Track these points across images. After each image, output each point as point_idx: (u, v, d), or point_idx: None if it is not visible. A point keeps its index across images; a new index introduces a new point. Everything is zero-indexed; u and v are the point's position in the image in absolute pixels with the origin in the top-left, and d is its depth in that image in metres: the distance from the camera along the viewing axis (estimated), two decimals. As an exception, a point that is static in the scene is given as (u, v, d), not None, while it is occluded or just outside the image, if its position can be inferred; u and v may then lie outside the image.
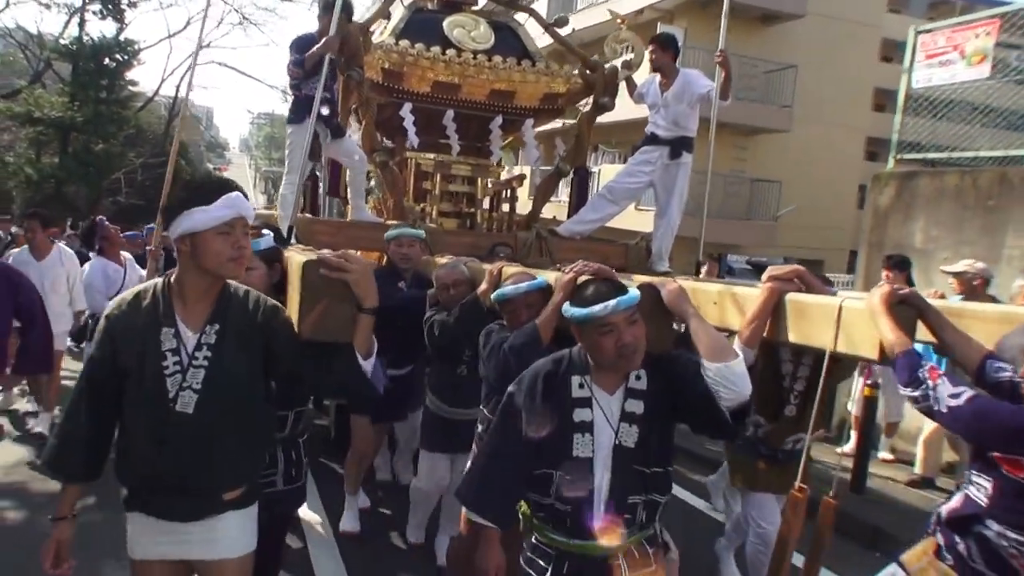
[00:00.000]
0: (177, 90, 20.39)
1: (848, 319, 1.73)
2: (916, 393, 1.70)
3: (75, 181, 17.00)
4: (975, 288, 4.39)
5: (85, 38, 16.18)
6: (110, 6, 16.29)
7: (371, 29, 4.72)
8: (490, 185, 5.72)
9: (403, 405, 3.80)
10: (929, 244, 5.61)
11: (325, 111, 4.19)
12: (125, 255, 5.57)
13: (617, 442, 1.78)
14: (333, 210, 5.75)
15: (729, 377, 1.70)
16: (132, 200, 17.56)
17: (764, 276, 2.03)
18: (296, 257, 1.99)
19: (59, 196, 16.60)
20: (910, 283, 5.43)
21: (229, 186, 1.71)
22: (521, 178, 6.24)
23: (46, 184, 15.92)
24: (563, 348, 1.94)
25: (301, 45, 4.15)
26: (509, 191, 6.03)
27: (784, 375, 3.00)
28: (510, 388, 1.91)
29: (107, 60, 16.49)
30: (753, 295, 2.02)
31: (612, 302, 1.68)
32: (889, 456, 5.63)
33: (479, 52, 5.15)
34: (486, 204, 5.83)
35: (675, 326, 2.02)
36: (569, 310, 1.80)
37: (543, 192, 5.67)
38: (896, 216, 5.89)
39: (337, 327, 1.74)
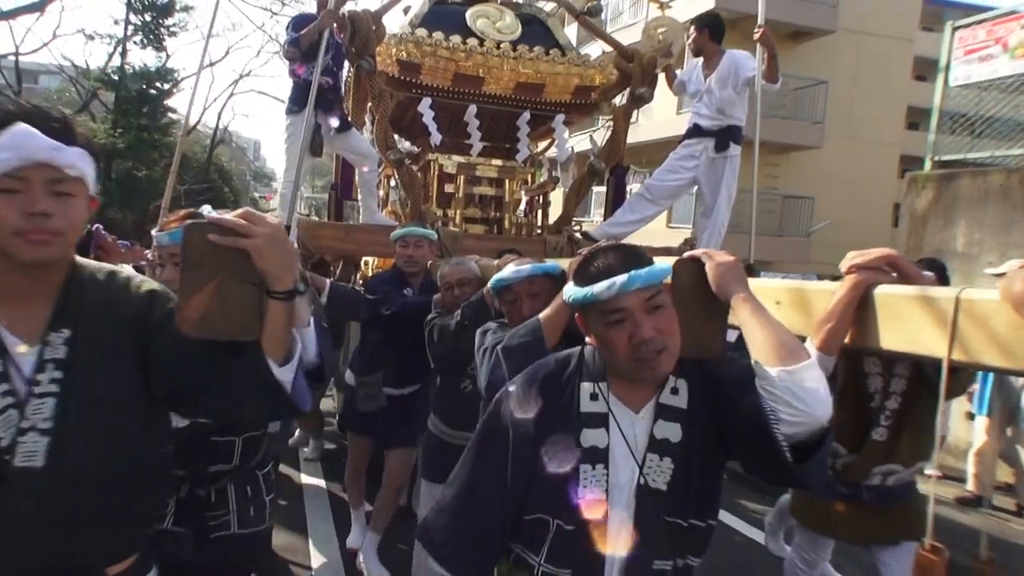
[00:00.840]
0: (208, 119, 20.62)
1: (969, 317, 1.14)
2: None
3: (120, 206, 17.17)
4: None
5: (127, 67, 16.41)
6: (151, 35, 16.57)
7: (383, 18, 4.20)
8: (521, 191, 5.18)
9: (406, 431, 3.24)
10: (972, 248, 5.17)
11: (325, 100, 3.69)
12: (123, 265, 5.17)
13: (642, 481, 1.24)
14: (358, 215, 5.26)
15: (794, 390, 1.11)
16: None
17: (844, 264, 1.42)
18: None
19: (104, 221, 16.76)
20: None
21: (12, 116, 1.06)
22: (554, 182, 5.69)
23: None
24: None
25: (299, 23, 3.68)
26: (542, 197, 5.50)
27: (872, 393, 2.33)
28: (496, 396, 1.39)
29: (148, 88, 16.66)
30: (828, 293, 1.43)
31: (622, 278, 1.17)
32: (936, 472, 4.83)
33: (504, 42, 4.63)
34: (516, 208, 5.31)
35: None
36: (568, 291, 1.30)
37: (575, 193, 5.10)
38: (935, 220, 5.48)
39: (233, 319, 1.11)
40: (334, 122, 3.86)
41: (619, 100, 5.11)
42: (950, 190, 5.36)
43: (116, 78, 16.15)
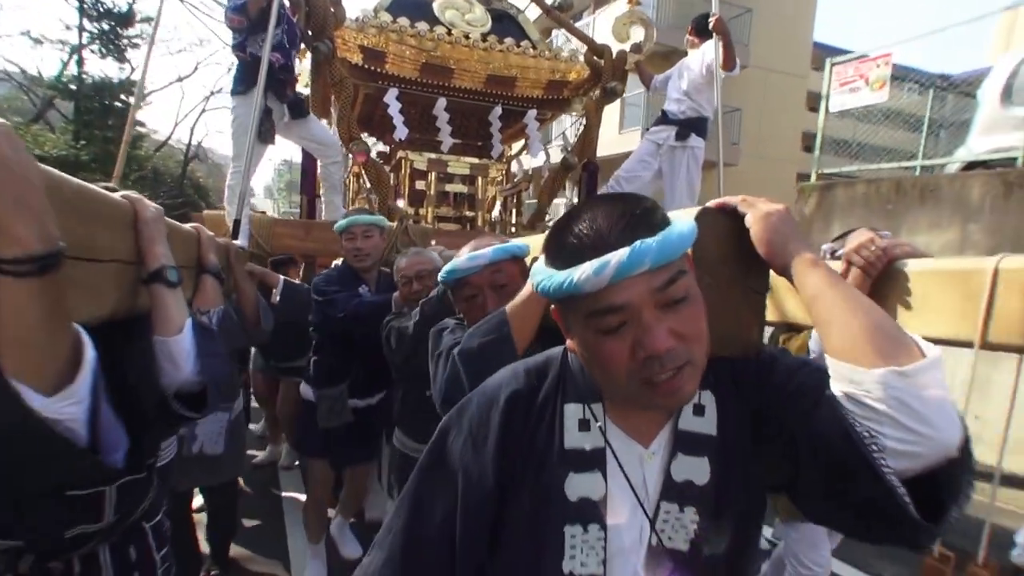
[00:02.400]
0: (183, 130, 19.82)
1: (1008, 290, 0.85)
2: None
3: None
4: None
5: (85, 77, 15.54)
6: (111, 45, 15.74)
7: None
8: (492, 188, 4.84)
9: (369, 444, 2.86)
10: None
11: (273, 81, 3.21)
12: None
13: (654, 541, 0.82)
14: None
15: (908, 401, 0.68)
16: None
17: (847, 250, 1.10)
18: None
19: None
20: None
21: None
22: (528, 180, 5.37)
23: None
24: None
25: None
26: (515, 196, 5.18)
27: None
28: (442, 423, 0.92)
29: (114, 101, 15.80)
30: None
31: (617, 255, 0.71)
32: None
33: (473, 34, 4.31)
34: (491, 208, 4.97)
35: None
36: (537, 273, 0.81)
37: (549, 189, 4.81)
38: (818, 222, 6.44)
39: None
40: (289, 108, 3.41)
41: (591, 96, 4.84)
42: (828, 198, 6.35)
43: (74, 87, 15.27)
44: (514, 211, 5.21)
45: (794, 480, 0.80)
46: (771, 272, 0.89)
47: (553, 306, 0.84)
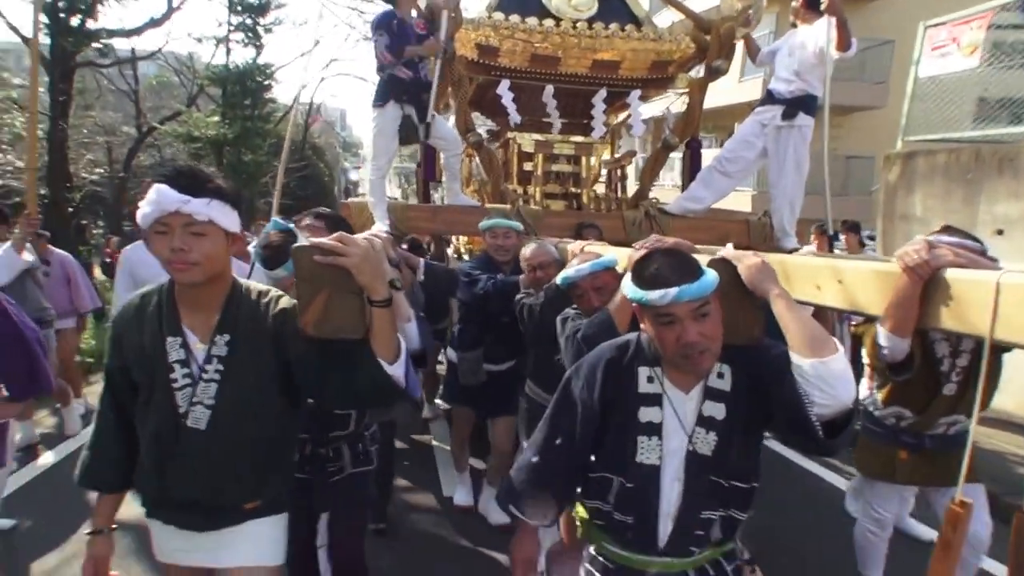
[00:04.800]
0: (301, 100, 20.95)
1: (1009, 299, 1.15)
2: None
3: (231, 188, 17.77)
4: None
5: (231, 65, 16.77)
6: (251, 34, 16.81)
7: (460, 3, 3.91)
8: (596, 164, 4.86)
9: (507, 402, 3.18)
10: (927, 213, 5.87)
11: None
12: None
13: (691, 448, 1.37)
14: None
15: (825, 377, 1.22)
16: (284, 200, 18.13)
17: (911, 257, 1.34)
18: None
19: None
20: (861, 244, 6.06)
21: (162, 176, 1.35)
22: (631, 155, 5.33)
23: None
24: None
25: (385, 24, 3.47)
26: (619, 170, 5.16)
27: (940, 357, 2.31)
28: (567, 374, 1.52)
29: (250, 83, 16.97)
30: (875, 275, 1.47)
31: (673, 290, 1.25)
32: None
33: (580, 21, 4.27)
34: (598, 185, 5.01)
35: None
36: (627, 287, 1.37)
37: (651, 168, 4.76)
38: (902, 190, 6.20)
39: (343, 322, 1.31)
40: (419, 112, 3.69)
41: (695, 72, 4.67)
42: (911, 167, 6.07)
43: (222, 75, 16.52)
44: (618, 186, 5.21)
45: (769, 417, 1.35)
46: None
47: (635, 306, 1.36)
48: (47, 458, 4.10)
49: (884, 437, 2.44)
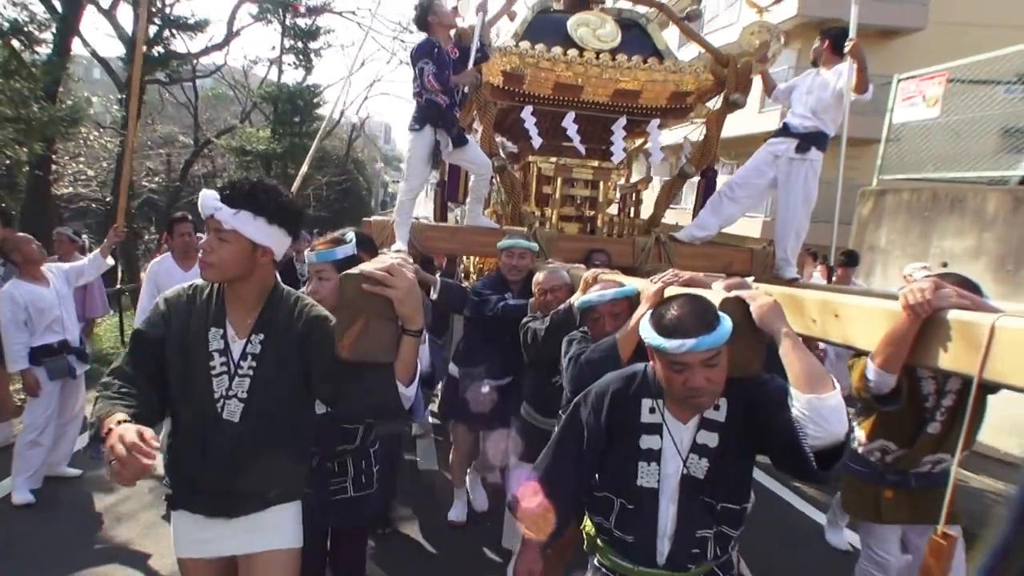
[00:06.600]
0: (346, 116, 21.35)
1: (1001, 342, 1.11)
2: None
3: (275, 199, 18.25)
4: None
5: (283, 84, 17.36)
6: (301, 56, 17.37)
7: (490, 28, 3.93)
8: (614, 189, 4.81)
9: (497, 417, 3.14)
10: (889, 246, 6.51)
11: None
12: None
13: (685, 472, 1.43)
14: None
15: (821, 411, 1.24)
16: (320, 212, 18.57)
17: (915, 295, 1.32)
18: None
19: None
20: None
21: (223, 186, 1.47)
22: (647, 181, 5.26)
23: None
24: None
25: (428, 52, 3.49)
26: (634, 195, 5.10)
27: (926, 395, 2.25)
28: (575, 400, 1.57)
29: (299, 101, 17.48)
30: (872, 312, 1.45)
31: (691, 342, 1.28)
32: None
33: (603, 51, 4.26)
34: (612, 208, 4.96)
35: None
36: (645, 329, 1.39)
37: (665, 195, 4.70)
38: (872, 224, 6.78)
39: (377, 347, 1.34)
40: (452, 140, 3.70)
41: (713, 104, 4.60)
42: (881, 203, 6.69)
43: (274, 93, 17.07)
44: (632, 211, 5.14)
45: (762, 444, 1.40)
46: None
47: (649, 347, 1.39)
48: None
49: (870, 477, 2.36)
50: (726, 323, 1.31)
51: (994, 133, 6.14)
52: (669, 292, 1.73)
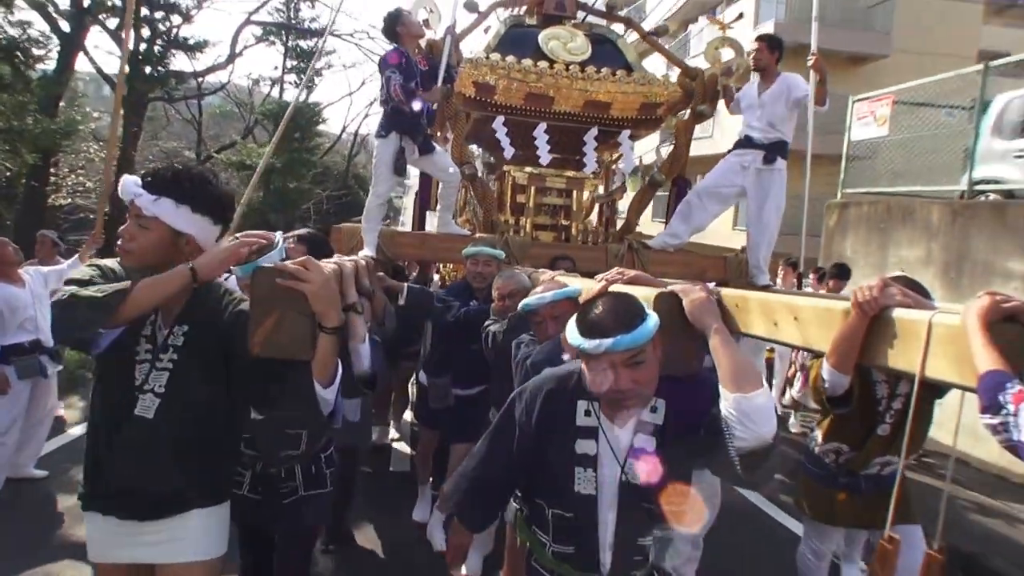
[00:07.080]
0: (354, 135, 21.61)
1: (939, 339, 1.08)
2: (995, 421, 0.95)
3: (275, 211, 18.48)
4: None
5: (283, 101, 17.62)
6: (301, 76, 17.68)
7: (459, 44, 4.00)
8: (588, 197, 4.85)
9: (470, 427, 3.08)
10: (854, 255, 6.79)
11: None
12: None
13: (623, 478, 1.35)
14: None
15: (747, 411, 1.17)
16: (319, 225, 18.74)
17: (863, 293, 1.23)
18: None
19: (264, 223, 18.02)
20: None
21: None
22: (622, 190, 5.31)
23: (253, 214, 17.34)
24: None
25: (396, 62, 3.55)
26: (611, 204, 5.14)
27: (879, 398, 2.26)
28: (511, 396, 1.50)
29: (300, 120, 17.74)
30: (828, 312, 1.32)
31: (608, 341, 1.22)
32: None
33: (573, 63, 4.32)
34: (592, 217, 4.99)
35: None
36: (569, 329, 1.32)
37: (637, 204, 4.73)
38: (836, 235, 7.14)
39: (291, 343, 1.27)
40: (419, 147, 3.74)
41: (682, 115, 4.67)
42: (845, 215, 7.07)
43: (275, 111, 17.33)
44: (607, 220, 5.18)
45: (700, 447, 1.30)
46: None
47: (573, 348, 1.34)
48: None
49: (824, 480, 2.41)
50: (650, 322, 1.24)
51: (939, 150, 6.47)
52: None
